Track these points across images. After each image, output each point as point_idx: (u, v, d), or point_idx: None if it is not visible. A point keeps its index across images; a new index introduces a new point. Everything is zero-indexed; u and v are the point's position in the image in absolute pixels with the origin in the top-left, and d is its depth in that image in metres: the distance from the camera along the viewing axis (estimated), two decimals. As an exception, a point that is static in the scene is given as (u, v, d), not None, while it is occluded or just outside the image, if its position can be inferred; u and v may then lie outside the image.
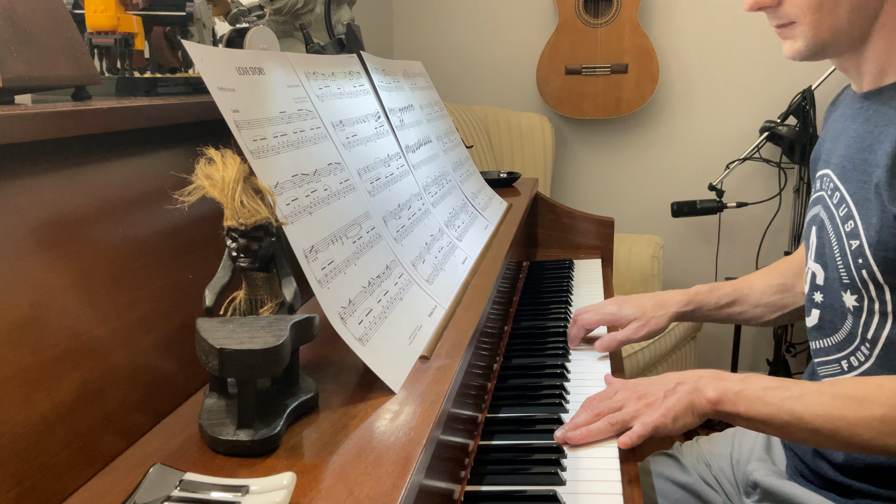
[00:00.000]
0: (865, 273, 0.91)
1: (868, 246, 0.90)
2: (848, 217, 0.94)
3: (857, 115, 0.97)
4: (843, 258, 0.94)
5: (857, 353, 0.95)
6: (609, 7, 2.77)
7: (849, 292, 0.94)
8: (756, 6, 0.94)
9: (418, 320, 0.87)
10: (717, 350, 3.00)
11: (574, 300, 1.52)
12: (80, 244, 0.66)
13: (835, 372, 0.99)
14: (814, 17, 0.90)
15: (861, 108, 0.97)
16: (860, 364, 0.95)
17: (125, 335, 0.67)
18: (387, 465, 0.60)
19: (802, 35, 0.93)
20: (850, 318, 0.95)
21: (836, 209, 0.97)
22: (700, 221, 2.96)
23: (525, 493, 0.85)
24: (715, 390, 0.88)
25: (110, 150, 0.72)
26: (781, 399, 0.85)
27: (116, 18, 0.90)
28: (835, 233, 0.96)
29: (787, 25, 0.94)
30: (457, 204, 1.34)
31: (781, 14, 0.93)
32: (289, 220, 0.72)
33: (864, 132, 0.95)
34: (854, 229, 0.92)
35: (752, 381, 0.88)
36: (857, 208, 0.92)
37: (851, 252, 0.93)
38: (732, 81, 2.87)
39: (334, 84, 1.02)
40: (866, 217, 0.91)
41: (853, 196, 0.94)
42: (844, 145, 0.98)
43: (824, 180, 1.02)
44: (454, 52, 3.10)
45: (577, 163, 3.09)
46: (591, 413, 0.94)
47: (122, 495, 0.56)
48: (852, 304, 0.94)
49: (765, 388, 0.86)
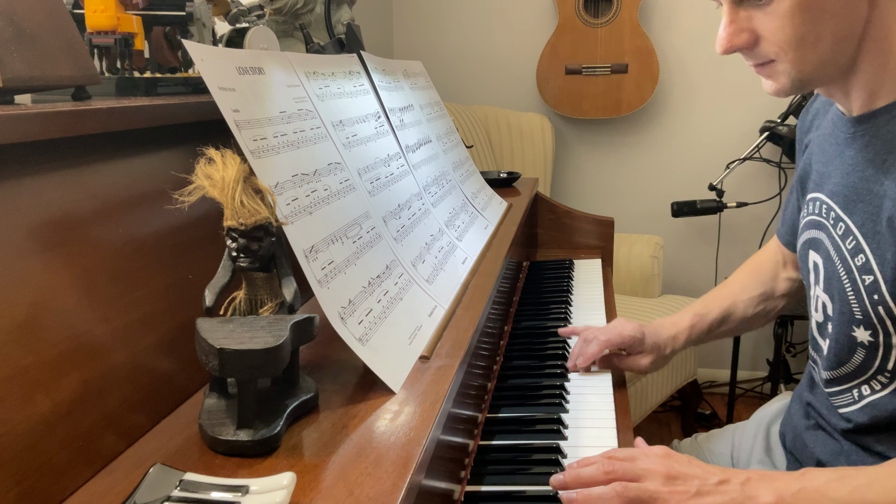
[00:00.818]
0: (882, 310, 0.86)
1: (884, 282, 0.85)
2: (857, 250, 0.89)
3: (852, 141, 0.92)
4: (856, 294, 0.89)
5: (871, 383, 0.91)
6: (609, 7, 2.77)
7: (862, 328, 0.89)
8: (730, 49, 0.86)
9: (418, 320, 0.87)
10: (717, 350, 3.00)
11: (574, 300, 1.51)
12: (80, 244, 0.66)
13: (848, 402, 0.95)
14: (795, 54, 0.83)
15: (855, 133, 0.91)
16: (874, 392, 0.91)
17: (125, 335, 0.67)
18: (387, 465, 0.60)
19: (785, 73, 0.85)
20: (861, 352, 0.91)
21: (843, 241, 0.91)
22: (700, 221, 2.96)
23: (525, 493, 0.85)
24: (770, 494, 0.75)
25: (110, 150, 0.72)
26: (850, 491, 0.75)
27: (116, 18, 0.90)
28: (843, 266, 0.91)
29: (766, 64, 0.87)
30: (457, 204, 1.34)
31: (759, 54, 0.86)
32: (289, 220, 0.72)
33: (864, 160, 0.89)
34: (866, 264, 0.87)
35: (811, 477, 0.76)
36: (868, 242, 0.87)
37: (865, 288, 0.87)
38: (732, 81, 2.87)
39: (334, 84, 1.02)
40: (879, 252, 0.85)
41: (861, 228, 0.88)
42: (841, 172, 0.93)
43: (818, 205, 0.97)
44: (454, 52, 3.10)
45: (577, 163, 3.09)
46: (602, 470, 0.79)
47: (122, 495, 0.56)
48: (866, 340, 0.89)
49: (827, 482, 0.76)
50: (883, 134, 0.87)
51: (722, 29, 0.86)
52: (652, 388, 2.31)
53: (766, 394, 2.88)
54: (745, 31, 0.85)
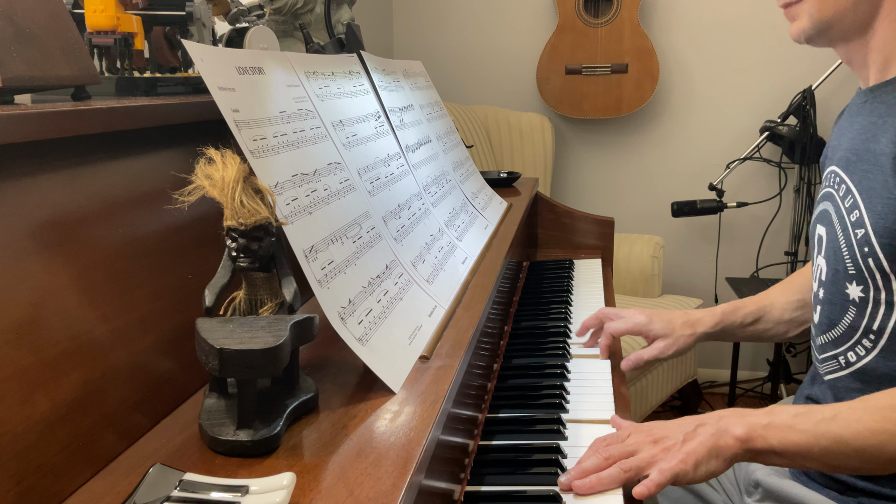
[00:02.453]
0: (872, 262, 0.90)
1: (874, 234, 0.89)
2: (853, 207, 0.93)
3: (862, 109, 0.98)
4: (849, 248, 0.93)
5: (856, 348, 0.95)
6: (609, 7, 2.77)
7: (854, 283, 0.93)
8: None
9: (418, 320, 0.87)
10: (717, 350, 3.00)
11: (574, 300, 1.51)
12: (80, 244, 0.66)
13: (834, 368, 0.98)
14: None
15: (866, 101, 0.97)
16: (860, 358, 0.94)
17: (125, 335, 0.67)
18: (387, 465, 0.60)
19: (807, 13, 0.94)
20: (852, 310, 0.95)
21: (843, 201, 0.96)
22: (700, 221, 2.96)
23: (525, 494, 0.85)
24: (742, 427, 0.82)
25: (110, 150, 0.72)
26: (815, 423, 0.80)
27: (116, 18, 0.90)
28: (840, 224, 0.96)
29: (793, 4, 0.96)
30: (457, 204, 1.34)
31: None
32: (289, 219, 0.72)
33: (868, 123, 0.95)
34: (859, 218, 0.92)
35: (779, 411, 0.83)
36: (862, 197, 0.92)
37: (857, 241, 0.92)
38: (732, 81, 2.87)
39: (334, 84, 1.02)
40: (871, 205, 0.90)
41: (858, 185, 0.93)
42: (849, 138, 0.99)
43: (831, 177, 1.02)
44: (454, 52, 3.10)
45: (577, 163, 3.09)
46: (601, 457, 0.85)
47: (121, 495, 0.56)
48: (857, 296, 0.93)
49: (794, 415, 0.82)
50: (888, 99, 0.92)
51: None
52: (652, 389, 2.31)
53: (766, 394, 2.88)
54: None
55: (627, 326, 1.22)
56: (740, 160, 2.67)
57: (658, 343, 1.20)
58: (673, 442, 0.84)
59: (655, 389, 2.32)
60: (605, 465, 0.84)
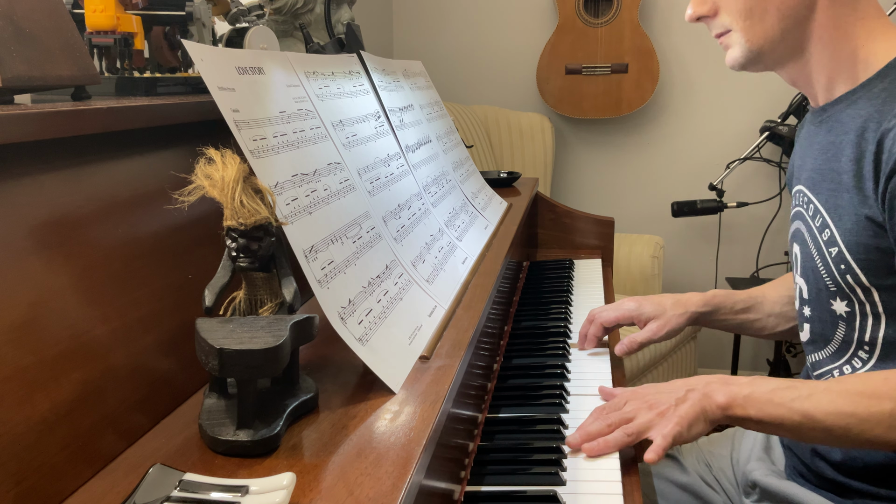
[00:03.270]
0: (850, 278, 0.92)
1: (847, 251, 0.92)
2: (824, 226, 0.96)
3: (819, 129, 1.00)
4: (826, 267, 0.95)
5: (853, 360, 0.96)
6: (609, 7, 2.77)
7: (838, 299, 0.95)
8: (695, 17, 0.98)
9: (418, 320, 0.87)
10: (717, 350, 3.00)
11: (574, 300, 1.51)
12: (80, 244, 0.66)
13: None
14: (744, 23, 0.94)
15: (822, 120, 0.99)
16: (856, 371, 0.95)
17: (125, 335, 0.67)
18: (387, 465, 0.60)
19: (738, 42, 0.96)
20: (841, 325, 0.96)
21: (812, 220, 0.99)
22: (700, 221, 2.96)
23: (525, 494, 0.85)
24: (724, 395, 0.87)
25: (110, 150, 0.72)
26: (791, 399, 0.85)
27: (116, 18, 0.90)
28: (814, 244, 0.98)
29: (724, 34, 0.97)
30: (457, 204, 1.34)
31: (718, 24, 0.97)
32: (289, 219, 0.72)
33: (827, 143, 0.97)
34: (831, 237, 0.94)
35: (760, 384, 0.88)
36: (831, 216, 0.94)
37: (832, 259, 0.94)
38: (732, 81, 2.87)
39: (334, 84, 1.02)
40: (840, 223, 0.92)
41: (825, 205, 0.96)
42: (811, 158, 1.01)
43: (798, 196, 1.04)
44: (454, 52, 3.10)
45: (577, 163, 3.09)
46: (604, 423, 0.91)
47: (121, 496, 0.56)
48: (844, 311, 0.95)
49: (773, 390, 0.87)
50: (842, 118, 0.95)
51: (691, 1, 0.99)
52: (652, 388, 2.31)
53: (766, 394, 2.87)
54: (708, 1, 0.97)
55: (618, 314, 1.22)
56: (740, 160, 2.67)
57: (651, 325, 1.20)
58: (667, 406, 0.89)
59: (655, 389, 2.32)
60: (607, 431, 0.90)
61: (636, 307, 1.21)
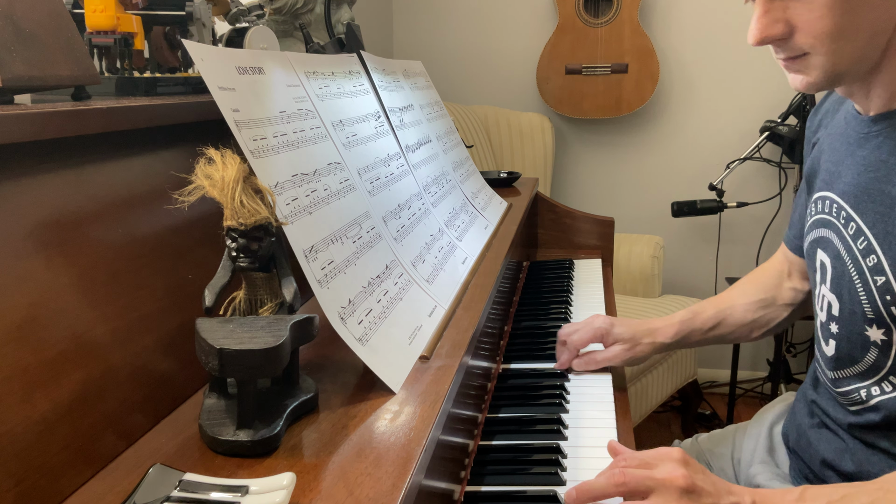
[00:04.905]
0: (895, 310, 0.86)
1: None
2: (869, 251, 0.88)
3: (866, 141, 0.91)
4: (868, 294, 0.89)
5: (882, 384, 0.91)
6: (609, 7, 2.77)
7: (875, 326, 0.89)
8: (763, 40, 0.83)
9: (418, 320, 0.87)
10: (717, 350, 3.00)
11: (574, 300, 1.51)
12: (80, 244, 0.66)
13: (855, 400, 0.95)
14: (832, 46, 0.81)
15: (870, 132, 0.91)
16: (884, 393, 0.91)
17: (125, 335, 0.67)
18: (387, 465, 0.60)
19: (819, 66, 0.83)
20: (873, 350, 0.91)
21: (854, 241, 0.91)
22: (700, 221, 2.96)
23: (525, 494, 0.85)
24: None
25: (110, 150, 0.72)
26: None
27: (116, 18, 0.90)
28: (855, 266, 0.91)
29: (798, 58, 0.84)
30: (457, 204, 1.34)
31: (793, 46, 0.83)
32: (289, 220, 0.72)
33: (877, 160, 0.89)
34: (878, 265, 0.87)
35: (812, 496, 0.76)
36: (880, 243, 0.87)
37: (877, 288, 0.87)
38: (732, 81, 2.87)
39: (334, 84, 1.02)
40: (891, 253, 0.85)
41: (873, 229, 0.88)
42: (853, 172, 0.93)
43: (828, 204, 0.97)
44: (454, 52, 3.10)
45: (577, 163, 3.09)
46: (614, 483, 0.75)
47: (121, 495, 0.56)
48: (880, 339, 0.89)
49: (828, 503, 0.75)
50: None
51: (755, 20, 0.83)
52: (652, 389, 2.31)
53: (766, 394, 2.88)
54: (779, 21, 0.82)
55: (590, 335, 1.15)
56: (740, 160, 2.67)
57: (615, 347, 1.14)
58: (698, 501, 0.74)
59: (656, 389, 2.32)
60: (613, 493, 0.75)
61: (608, 326, 1.15)
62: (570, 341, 1.16)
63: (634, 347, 1.14)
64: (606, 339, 1.16)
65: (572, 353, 1.17)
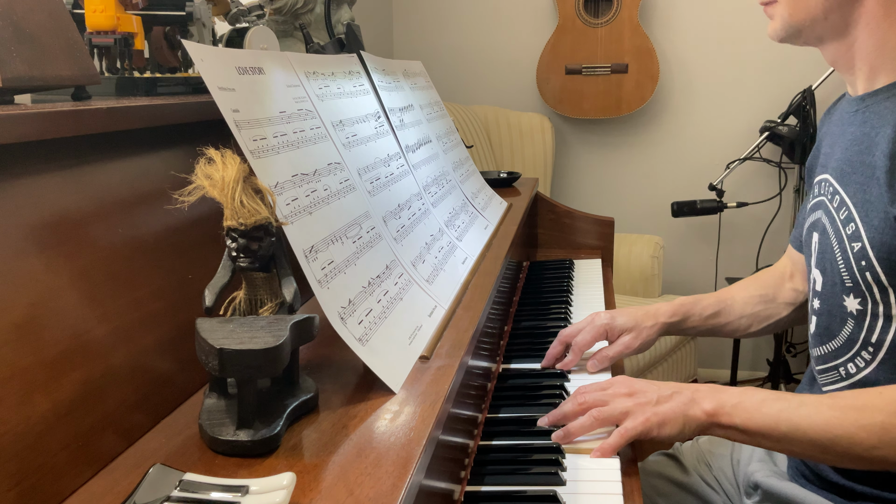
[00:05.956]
0: (869, 276, 0.90)
1: (871, 248, 0.89)
2: (849, 220, 0.93)
3: (854, 119, 0.97)
4: (846, 261, 0.93)
5: (856, 360, 0.94)
6: (609, 7, 2.77)
7: (852, 296, 0.93)
8: None
9: (418, 320, 0.87)
10: (717, 350, 3.00)
11: (574, 300, 1.51)
12: (80, 244, 0.66)
13: (834, 379, 0.98)
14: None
15: (857, 110, 0.97)
16: (859, 370, 0.94)
17: (125, 335, 0.67)
18: (387, 465, 0.60)
19: (780, 15, 0.96)
20: (850, 322, 0.94)
21: (837, 212, 0.96)
22: (700, 221, 2.96)
23: (525, 494, 0.85)
24: (712, 402, 0.87)
25: (110, 150, 0.72)
26: (779, 410, 0.84)
27: (116, 18, 0.90)
28: (836, 236, 0.95)
29: (770, 3, 0.97)
30: (457, 204, 1.34)
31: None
32: (289, 220, 0.72)
33: (861, 134, 0.94)
34: (856, 231, 0.91)
35: (751, 394, 0.87)
36: (858, 210, 0.92)
37: (854, 255, 0.91)
38: (732, 81, 2.87)
39: (334, 84, 1.02)
40: (867, 219, 0.90)
41: (853, 198, 0.93)
42: (842, 149, 0.98)
43: (823, 185, 1.02)
44: (454, 52, 3.10)
45: (577, 163, 3.09)
46: (576, 403, 0.93)
47: (122, 495, 0.56)
48: (855, 308, 0.93)
49: (762, 400, 0.86)
50: (880, 110, 0.92)
51: None
52: (652, 388, 2.31)
53: (766, 394, 2.87)
54: None
55: (593, 334, 1.16)
56: (740, 160, 2.67)
57: (623, 338, 1.16)
58: (646, 400, 0.89)
59: (655, 389, 2.32)
60: (580, 412, 0.93)
61: (609, 321, 1.17)
62: (575, 343, 1.17)
63: (641, 333, 1.17)
64: (612, 334, 1.17)
65: (577, 355, 1.17)
